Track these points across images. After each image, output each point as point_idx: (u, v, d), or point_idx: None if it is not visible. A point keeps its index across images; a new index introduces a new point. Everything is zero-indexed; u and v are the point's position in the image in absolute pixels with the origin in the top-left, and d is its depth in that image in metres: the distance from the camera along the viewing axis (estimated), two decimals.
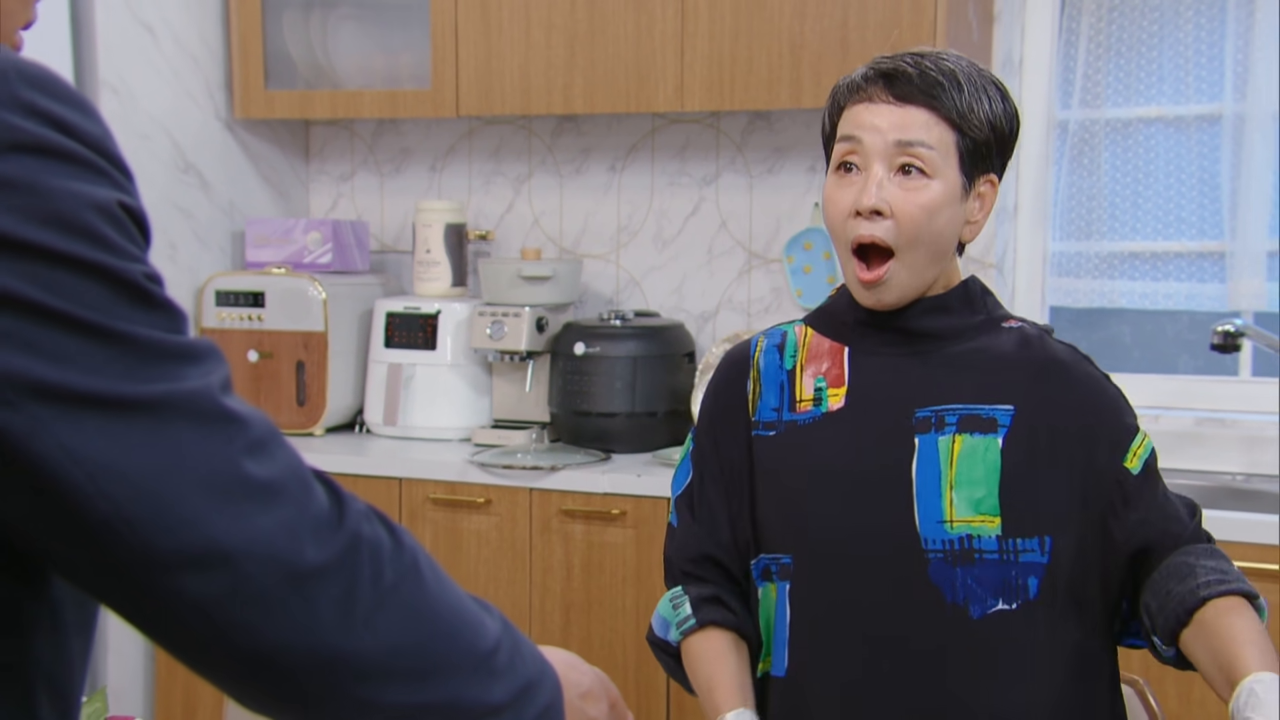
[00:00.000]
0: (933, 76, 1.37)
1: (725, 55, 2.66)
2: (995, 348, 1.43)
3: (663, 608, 1.50)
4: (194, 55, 3.04)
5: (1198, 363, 2.78)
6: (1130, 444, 1.40)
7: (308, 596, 0.73)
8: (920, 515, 1.38)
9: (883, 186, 1.37)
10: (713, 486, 1.50)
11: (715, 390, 1.52)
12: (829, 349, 1.47)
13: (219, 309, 3.03)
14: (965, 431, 1.39)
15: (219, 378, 0.74)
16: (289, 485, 0.74)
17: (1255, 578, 2.17)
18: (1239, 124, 2.62)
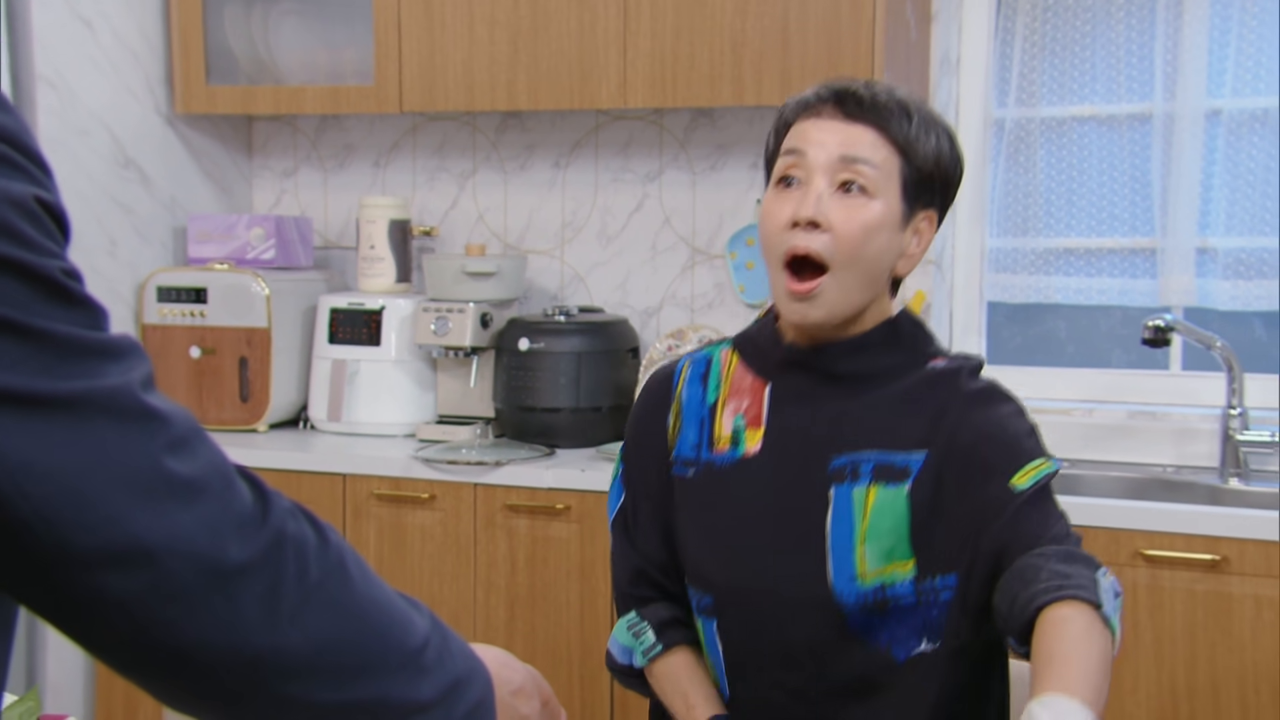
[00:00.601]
0: (884, 101, 1.38)
1: (667, 52, 2.68)
2: (914, 391, 1.39)
3: (621, 636, 1.52)
4: (133, 50, 3.02)
5: (1130, 357, 2.83)
6: (1023, 466, 1.34)
7: (230, 594, 0.72)
8: (834, 571, 1.37)
9: (822, 200, 1.36)
10: (644, 506, 1.52)
11: (638, 417, 1.53)
12: (750, 385, 1.46)
13: (160, 305, 3.01)
14: (879, 482, 1.37)
15: (140, 374, 0.73)
16: (211, 482, 0.73)
17: (1185, 567, 2.22)
18: (1169, 123, 2.67)
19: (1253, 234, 2.66)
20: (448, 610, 2.68)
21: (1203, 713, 2.23)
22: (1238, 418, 2.57)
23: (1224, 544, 2.21)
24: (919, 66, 2.76)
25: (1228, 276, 2.67)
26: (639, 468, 1.52)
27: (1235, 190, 2.67)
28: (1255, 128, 2.64)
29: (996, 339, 2.93)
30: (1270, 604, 2.19)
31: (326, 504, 2.75)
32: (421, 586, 2.69)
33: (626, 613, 1.54)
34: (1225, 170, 2.67)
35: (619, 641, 1.52)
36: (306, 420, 3.05)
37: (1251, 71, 2.63)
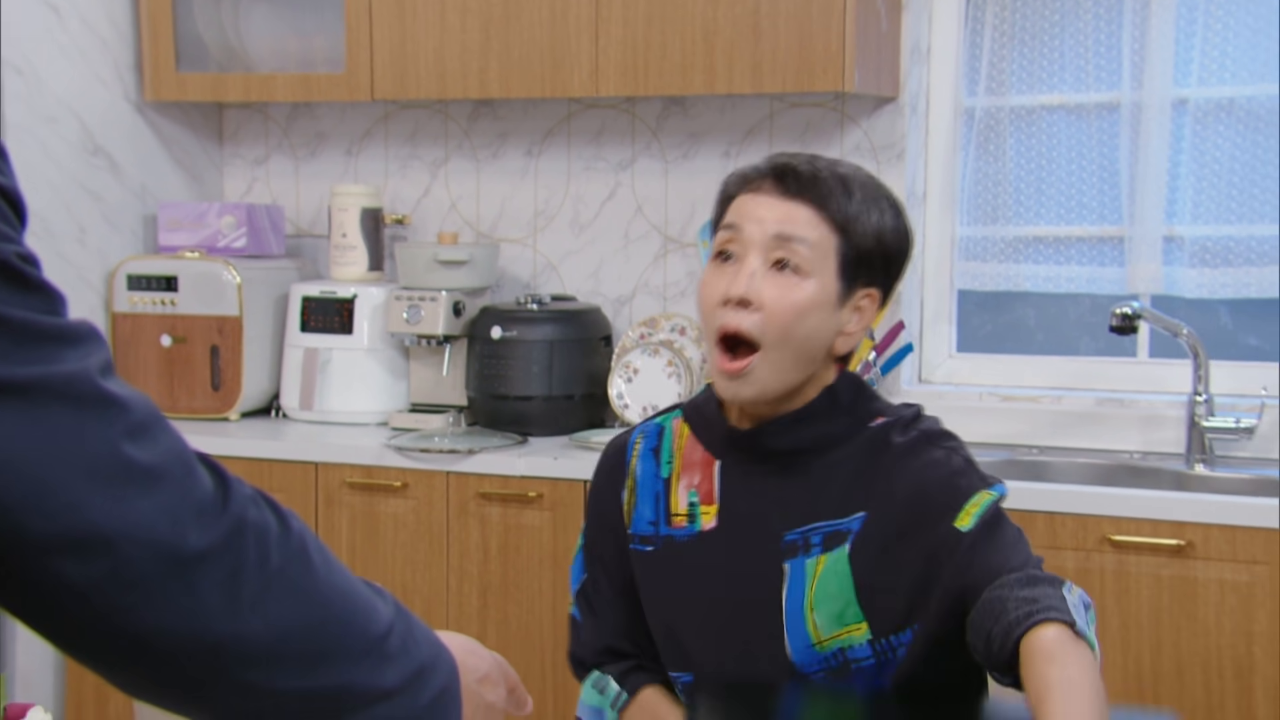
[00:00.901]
0: (824, 177, 1.37)
1: (639, 41, 2.68)
2: (855, 457, 1.39)
3: (588, 697, 1.51)
4: (102, 36, 3.00)
5: (1098, 344, 2.86)
6: (964, 505, 1.33)
7: (190, 581, 0.72)
8: (790, 642, 1.39)
9: (755, 277, 1.35)
10: (607, 584, 1.51)
11: (595, 494, 1.53)
12: (700, 459, 1.45)
13: (131, 293, 2.99)
14: (827, 550, 1.38)
15: (98, 360, 0.72)
16: (171, 469, 0.73)
17: (1153, 552, 2.25)
18: (1136, 112, 2.69)
19: (1219, 222, 2.69)
20: (420, 598, 2.69)
21: (1167, 695, 2.26)
22: (1203, 404, 2.60)
23: (1189, 529, 2.24)
24: (889, 56, 2.77)
25: (1194, 264, 2.70)
26: (599, 543, 1.52)
27: (1201, 179, 2.69)
28: (1221, 117, 2.67)
29: (966, 327, 2.96)
30: (1234, 588, 2.22)
31: (299, 492, 2.75)
32: (394, 575, 2.69)
33: (586, 677, 1.54)
34: (1192, 159, 2.69)
35: (587, 704, 1.51)
36: (278, 409, 3.05)
37: (1217, 61, 2.66)
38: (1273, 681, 2.21)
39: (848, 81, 2.57)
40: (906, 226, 1.42)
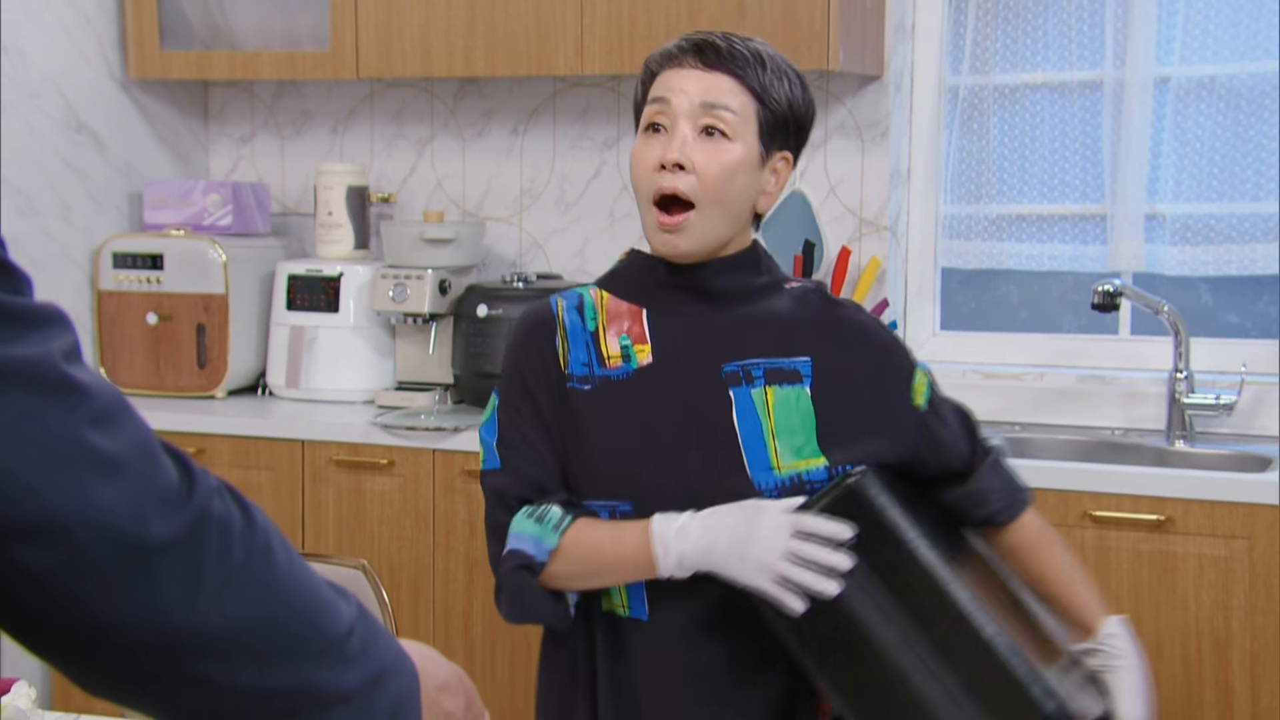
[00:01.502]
0: (740, 50, 1.49)
1: (624, 18, 2.68)
2: (781, 306, 1.54)
3: (524, 528, 1.48)
4: (85, 13, 2.99)
5: (1080, 322, 2.88)
6: (912, 383, 1.54)
7: (149, 571, 0.70)
8: (749, 462, 1.48)
9: (687, 144, 1.46)
10: (532, 431, 1.52)
11: (522, 344, 1.55)
12: (627, 310, 1.54)
13: (116, 271, 2.99)
14: (773, 384, 1.50)
15: (61, 345, 0.71)
16: (133, 458, 0.71)
17: (1133, 527, 2.28)
18: (1118, 90, 2.71)
19: (1200, 200, 2.70)
20: (407, 576, 2.70)
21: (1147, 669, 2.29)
22: (1184, 381, 2.62)
23: (1169, 504, 2.27)
24: (874, 34, 2.77)
25: (1175, 242, 2.72)
26: (525, 395, 1.52)
27: (1183, 157, 2.71)
28: (1202, 95, 2.68)
29: (950, 304, 2.97)
30: (1213, 563, 2.25)
31: (285, 470, 2.76)
32: (381, 552, 2.71)
33: (515, 513, 1.51)
34: (1173, 137, 2.71)
35: (525, 534, 1.47)
36: (265, 387, 3.05)
37: (1199, 39, 2.67)
38: (1249, 654, 2.24)
39: (832, 59, 2.58)
40: (810, 96, 1.55)
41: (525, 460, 1.51)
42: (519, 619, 1.52)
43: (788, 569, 1.40)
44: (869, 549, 1.41)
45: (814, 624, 1.40)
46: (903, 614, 1.41)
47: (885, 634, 1.41)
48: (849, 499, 1.43)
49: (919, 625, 1.41)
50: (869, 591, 1.41)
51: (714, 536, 1.42)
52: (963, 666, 1.40)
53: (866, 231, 2.88)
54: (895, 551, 1.42)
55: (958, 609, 1.41)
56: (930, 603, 1.41)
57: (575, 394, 1.51)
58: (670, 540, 1.43)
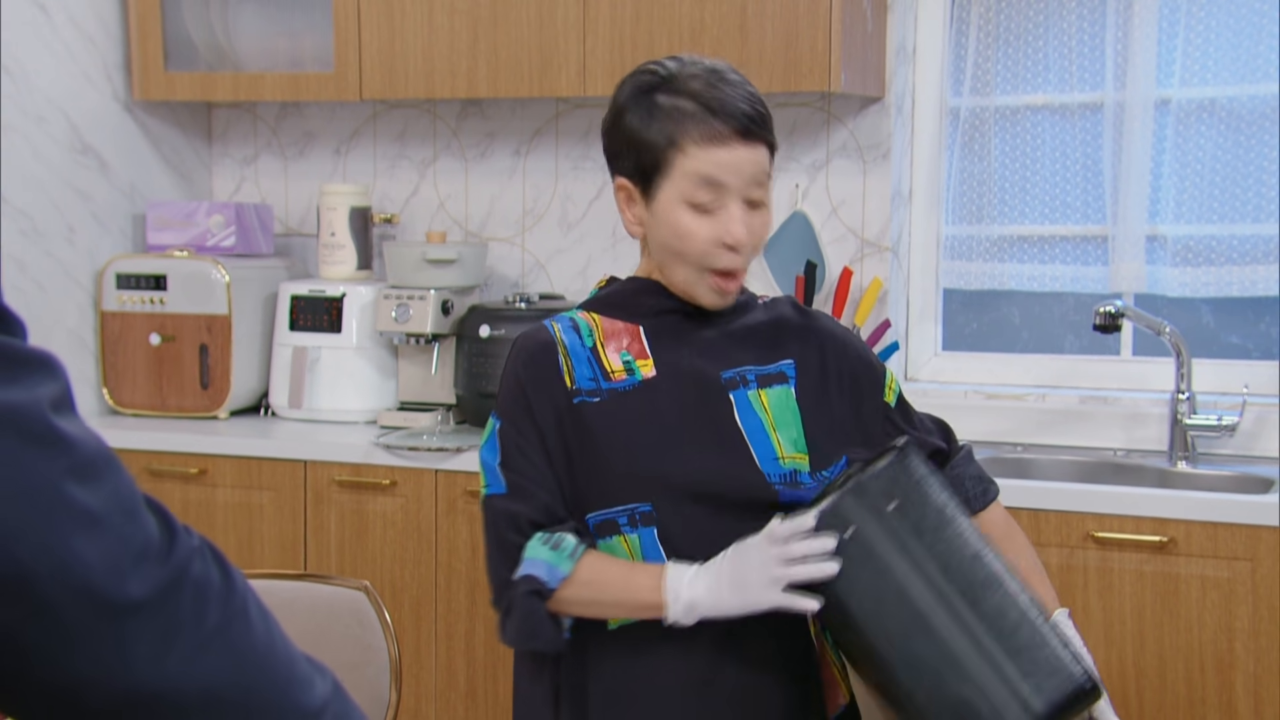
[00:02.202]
0: (761, 112, 1.53)
1: (626, 40, 2.70)
2: (759, 318, 1.62)
3: (539, 553, 1.49)
4: (90, 36, 3.00)
5: (1082, 343, 2.88)
6: (884, 382, 1.64)
7: (121, 631, 0.69)
8: (758, 454, 1.55)
9: (743, 221, 1.52)
10: (537, 455, 1.53)
11: (524, 365, 1.56)
12: (623, 328, 1.59)
13: (120, 292, 3.00)
14: (764, 386, 1.58)
15: (50, 393, 0.69)
16: (113, 514, 0.70)
17: (1135, 548, 2.27)
18: (1119, 112, 2.71)
19: (1201, 222, 2.71)
20: (409, 596, 2.70)
21: (1150, 691, 2.28)
22: (1186, 402, 2.62)
23: (1171, 525, 2.26)
24: (875, 56, 2.79)
25: (1176, 264, 2.72)
26: (525, 414, 1.53)
27: (1184, 179, 2.72)
28: (1203, 117, 2.69)
29: (952, 325, 2.98)
30: (1216, 584, 2.24)
31: (288, 491, 2.76)
32: (383, 573, 2.71)
33: (528, 538, 1.51)
34: (1174, 159, 2.72)
35: (540, 560, 1.48)
36: (267, 407, 3.06)
37: (1199, 62, 2.68)
38: (1252, 677, 2.23)
39: (834, 81, 2.59)
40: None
41: (532, 483, 1.52)
42: (523, 643, 1.52)
43: (785, 572, 1.43)
44: (909, 515, 1.45)
45: (854, 588, 1.44)
46: (944, 577, 1.44)
47: (923, 593, 1.43)
48: (898, 466, 1.47)
49: (958, 588, 1.44)
50: (911, 554, 1.44)
51: (717, 579, 1.45)
52: (999, 627, 1.43)
53: (868, 252, 2.88)
54: (937, 518, 1.46)
55: (995, 574, 1.44)
56: (967, 568, 1.44)
57: (584, 407, 1.53)
58: (682, 589, 1.46)
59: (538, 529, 1.51)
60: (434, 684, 2.70)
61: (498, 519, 1.53)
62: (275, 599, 1.88)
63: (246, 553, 2.80)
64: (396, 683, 1.82)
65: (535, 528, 1.51)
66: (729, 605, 1.45)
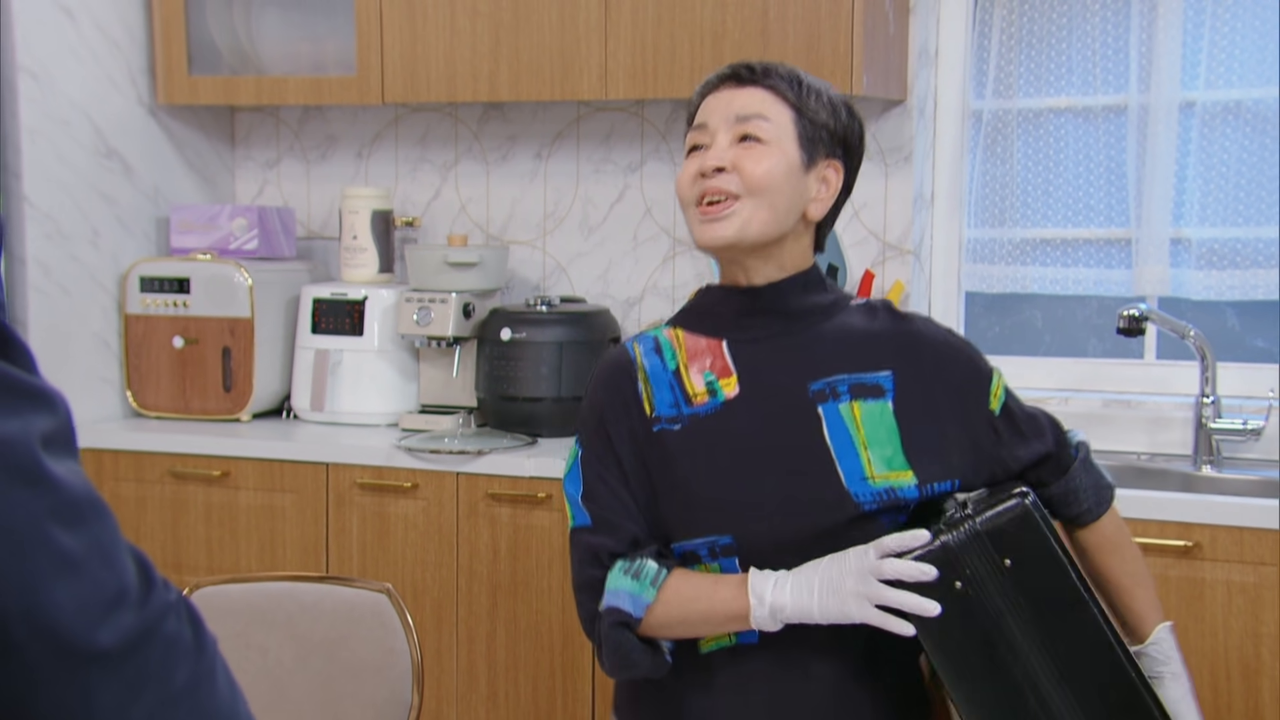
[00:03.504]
0: (774, 69, 1.52)
1: (648, 44, 2.70)
2: (854, 323, 1.55)
3: (621, 584, 1.47)
4: (115, 40, 3.02)
5: (1105, 346, 2.87)
6: (990, 388, 1.56)
7: (86, 680, 0.67)
8: (845, 475, 1.48)
9: (725, 150, 1.49)
10: (618, 482, 1.51)
11: (603, 391, 1.54)
12: (706, 345, 1.54)
13: (143, 295, 3.02)
14: (858, 398, 1.51)
15: (44, 429, 0.68)
16: (91, 559, 0.68)
17: (1159, 553, 2.26)
18: (1143, 114, 2.70)
19: (1225, 224, 2.69)
20: (430, 599, 2.70)
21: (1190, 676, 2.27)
22: (1210, 406, 2.60)
23: (1196, 530, 2.25)
24: (897, 59, 2.78)
25: (1201, 266, 2.71)
26: (606, 444, 1.52)
27: (1208, 181, 2.70)
28: (1228, 119, 2.67)
29: (974, 329, 2.97)
30: (1241, 589, 2.23)
31: (309, 493, 2.77)
32: (404, 575, 2.71)
33: (610, 569, 1.50)
34: (1199, 161, 2.70)
35: (622, 590, 1.47)
36: (289, 410, 3.07)
37: (1224, 64, 2.66)
38: (1279, 683, 2.21)
39: (855, 84, 2.59)
40: (856, 117, 1.56)
41: (615, 514, 1.51)
42: (622, 673, 1.51)
43: (880, 591, 1.38)
44: (1025, 580, 1.39)
45: (964, 642, 1.40)
46: (1053, 645, 1.40)
47: (1029, 659, 1.40)
48: (1020, 516, 1.41)
49: (1066, 664, 1.40)
50: (1022, 623, 1.40)
51: (809, 584, 1.41)
52: (1102, 705, 1.39)
53: (890, 255, 2.87)
54: (1058, 580, 1.40)
55: (1113, 651, 1.40)
56: (1084, 645, 1.39)
57: (665, 435, 1.50)
58: (766, 593, 1.42)
59: (618, 558, 1.50)
60: (455, 686, 2.71)
61: (582, 554, 1.52)
62: (298, 602, 1.89)
63: (268, 555, 2.81)
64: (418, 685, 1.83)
65: (615, 558, 1.50)
66: (817, 610, 1.41)
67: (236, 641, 1.86)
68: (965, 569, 1.39)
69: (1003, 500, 1.42)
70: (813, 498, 1.46)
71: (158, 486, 2.87)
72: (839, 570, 1.41)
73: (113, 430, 2.91)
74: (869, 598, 1.39)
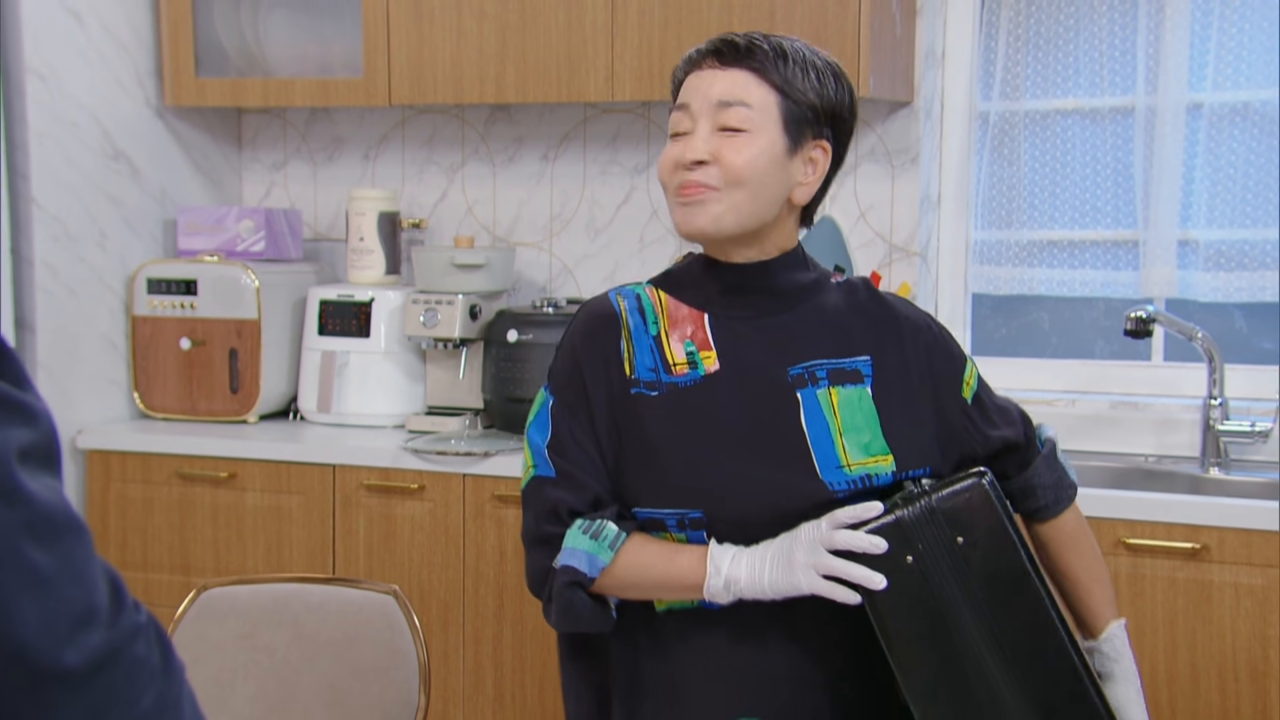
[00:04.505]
0: (760, 46, 1.47)
1: (655, 45, 2.70)
2: (834, 304, 1.54)
3: (578, 543, 1.46)
4: (123, 43, 3.03)
5: (1112, 348, 2.86)
6: (963, 375, 1.57)
7: (51, 699, 0.66)
8: (819, 462, 1.47)
9: (706, 140, 1.46)
10: (586, 439, 1.49)
11: (584, 340, 1.51)
12: (688, 314, 1.52)
13: (150, 297, 3.02)
14: (836, 384, 1.50)
15: (21, 441, 0.67)
16: (60, 576, 0.67)
17: (1166, 555, 2.26)
18: (1150, 116, 2.70)
19: (1233, 226, 2.69)
20: (437, 601, 2.71)
21: (1183, 699, 2.26)
22: (1218, 408, 2.60)
23: (1204, 532, 2.24)
24: (904, 60, 2.78)
25: (1209, 268, 2.70)
26: (585, 397, 1.49)
27: (1216, 183, 2.70)
28: (1236, 121, 2.67)
29: (981, 330, 2.96)
30: (1249, 592, 2.22)
31: (316, 495, 2.77)
32: (411, 577, 2.71)
33: (568, 527, 1.48)
34: (1206, 163, 2.70)
35: (579, 550, 1.45)
36: (296, 411, 3.07)
37: (1232, 65, 2.66)
38: None
39: (862, 86, 2.58)
40: (846, 86, 1.52)
41: (581, 470, 1.48)
42: (567, 627, 1.50)
43: (828, 562, 1.39)
44: (978, 550, 1.41)
45: (911, 616, 1.40)
46: (1000, 624, 1.41)
47: (976, 637, 1.40)
48: (976, 496, 1.42)
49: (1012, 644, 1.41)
50: (971, 601, 1.41)
51: (761, 559, 1.42)
52: (1045, 687, 1.40)
53: (896, 257, 2.87)
54: (1009, 560, 1.41)
55: (1058, 633, 1.41)
56: (1029, 625, 1.41)
57: (641, 399, 1.48)
58: (724, 565, 1.42)
59: (578, 517, 1.48)
60: (462, 688, 2.71)
61: (540, 505, 1.49)
62: (305, 603, 1.89)
63: (275, 557, 2.81)
64: (425, 686, 1.83)
65: (575, 516, 1.48)
66: (768, 584, 1.41)
67: (244, 643, 1.86)
68: (918, 544, 1.40)
69: (961, 479, 1.43)
70: (786, 481, 1.46)
71: (165, 488, 2.87)
72: (790, 542, 1.41)
73: (120, 432, 2.92)
74: (816, 568, 1.39)
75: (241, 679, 1.85)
